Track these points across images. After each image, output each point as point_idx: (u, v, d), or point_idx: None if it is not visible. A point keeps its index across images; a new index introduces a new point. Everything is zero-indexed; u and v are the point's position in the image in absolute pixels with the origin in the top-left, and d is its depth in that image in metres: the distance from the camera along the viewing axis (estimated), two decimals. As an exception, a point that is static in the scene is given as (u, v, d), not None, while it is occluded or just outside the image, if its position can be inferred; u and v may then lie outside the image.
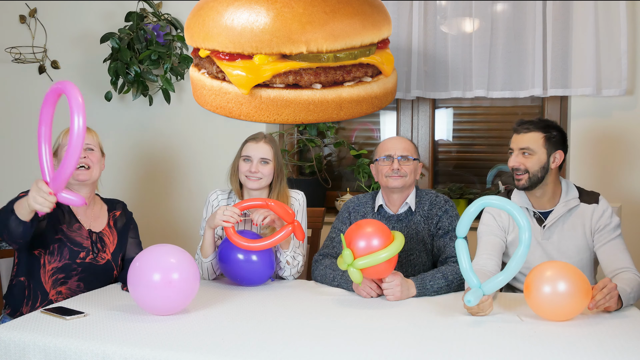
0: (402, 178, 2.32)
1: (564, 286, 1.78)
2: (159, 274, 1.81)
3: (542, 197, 2.24)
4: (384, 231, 2.01)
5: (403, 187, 2.34)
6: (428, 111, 3.29)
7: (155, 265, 1.84)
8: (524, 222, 1.78)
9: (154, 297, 1.82)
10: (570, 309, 1.80)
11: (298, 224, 2.18)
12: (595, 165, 2.90)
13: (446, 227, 2.32)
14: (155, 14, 3.22)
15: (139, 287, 1.84)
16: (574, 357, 1.52)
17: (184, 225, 3.38)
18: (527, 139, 2.20)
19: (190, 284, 1.86)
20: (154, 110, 3.37)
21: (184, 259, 1.88)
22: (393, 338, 1.66)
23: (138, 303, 1.87)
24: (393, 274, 2.06)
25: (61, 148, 2.26)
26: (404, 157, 2.33)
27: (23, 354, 1.66)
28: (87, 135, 2.26)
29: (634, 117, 2.87)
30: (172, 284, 1.81)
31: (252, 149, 2.36)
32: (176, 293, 1.83)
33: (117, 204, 2.43)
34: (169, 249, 1.91)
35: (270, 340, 1.64)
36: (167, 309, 1.86)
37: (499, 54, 2.94)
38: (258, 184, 2.35)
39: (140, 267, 1.85)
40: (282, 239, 2.16)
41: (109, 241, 2.31)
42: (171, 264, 1.84)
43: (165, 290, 1.81)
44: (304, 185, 3.22)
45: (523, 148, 2.20)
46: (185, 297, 1.87)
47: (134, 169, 3.46)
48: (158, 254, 1.88)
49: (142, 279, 1.83)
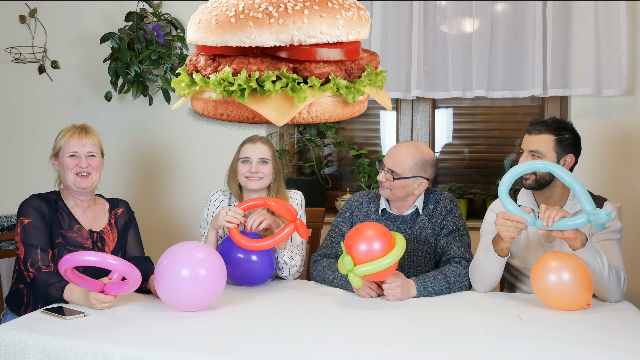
0: (384, 189, 2.31)
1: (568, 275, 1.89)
2: (188, 269, 1.86)
3: (550, 199, 2.22)
4: (385, 235, 1.98)
5: (391, 198, 2.33)
6: (428, 111, 3.28)
7: (185, 261, 1.88)
8: (570, 180, 1.89)
9: (184, 293, 1.87)
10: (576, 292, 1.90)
11: (301, 222, 2.17)
12: (595, 165, 2.90)
13: (450, 227, 2.31)
14: (155, 14, 3.22)
15: (169, 284, 1.87)
16: (574, 357, 1.52)
17: (184, 224, 3.38)
18: (537, 141, 2.17)
19: (219, 280, 1.93)
20: (154, 110, 3.37)
21: (212, 256, 1.95)
22: (393, 338, 1.66)
23: (166, 300, 1.90)
24: (394, 275, 2.06)
25: (63, 152, 2.24)
26: (391, 170, 2.28)
27: (23, 354, 1.66)
28: (88, 139, 2.26)
29: (634, 117, 2.87)
30: (201, 279, 1.87)
31: (250, 150, 2.36)
32: (205, 289, 1.89)
33: (119, 202, 2.42)
34: (197, 245, 1.98)
35: (270, 340, 1.64)
36: (196, 304, 1.90)
37: (499, 54, 2.94)
38: (259, 183, 2.34)
39: (168, 264, 1.88)
40: (285, 238, 2.15)
41: (109, 239, 2.31)
42: (199, 260, 1.90)
43: (195, 286, 1.86)
44: (304, 185, 3.23)
45: (532, 151, 2.18)
46: (213, 293, 1.92)
47: (134, 169, 3.46)
48: (186, 250, 1.94)
49: (172, 275, 1.86)
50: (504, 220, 1.99)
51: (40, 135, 3.46)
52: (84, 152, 2.23)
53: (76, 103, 3.48)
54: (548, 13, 2.85)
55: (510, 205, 1.98)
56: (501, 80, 2.94)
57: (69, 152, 2.22)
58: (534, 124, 2.21)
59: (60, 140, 2.27)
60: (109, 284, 1.90)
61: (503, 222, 1.99)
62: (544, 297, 1.96)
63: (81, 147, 2.23)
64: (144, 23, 3.17)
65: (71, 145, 2.22)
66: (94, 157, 2.27)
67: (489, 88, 2.95)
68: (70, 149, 2.22)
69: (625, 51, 2.77)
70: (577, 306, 1.92)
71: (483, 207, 3.20)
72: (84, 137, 2.25)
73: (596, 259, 1.94)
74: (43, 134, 3.40)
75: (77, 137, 2.23)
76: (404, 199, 2.32)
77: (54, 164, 2.30)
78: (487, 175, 3.31)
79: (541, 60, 2.86)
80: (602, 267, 1.95)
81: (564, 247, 2.19)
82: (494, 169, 3.29)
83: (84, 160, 2.23)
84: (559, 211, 1.92)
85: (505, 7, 2.94)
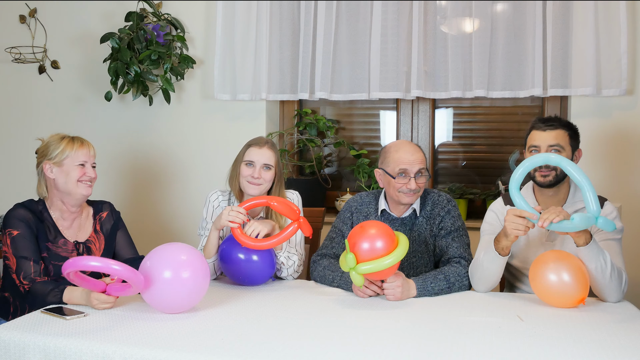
0: (416, 194, 2.27)
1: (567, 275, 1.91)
2: (170, 271, 1.84)
3: (553, 197, 2.21)
4: (388, 234, 1.98)
5: (416, 199, 2.31)
6: (428, 111, 3.28)
7: (166, 263, 1.86)
8: (580, 177, 1.89)
9: (166, 295, 1.84)
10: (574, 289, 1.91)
11: (304, 220, 2.17)
12: (595, 165, 2.90)
13: (449, 227, 2.31)
14: (155, 14, 3.22)
15: (152, 285, 1.85)
16: (574, 357, 1.52)
17: (183, 225, 3.38)
18: (555, 135, 2.15)
19: (201, 281, 1.90)
20: (154, 110, 3.37)
21: (195, 257, 1.91)
22: (393, 338, 1.66)
23: (149, 302, 1.88)
24: (395, 274, 2.06)
25: (71, 160, 2.22)
26: (420, 171, 2.24)
27: (23, 354, 1.66)
28: (92, 150, 2.30)
29: (634, 117, 2.87)
30: (184, 281, 1.84)
31: (255, 154, 2.35)
32: (188, 290, 1.85)
33: (103, 204, 2.40)
34: (180, 246, 1.94)
35: (270, 340, 1.64)
36: (178, 306, 1.88)
37: (499, 54, 2.94)
38: (258, 190, 2.34)
39: (151, 266, 1.86)
40: (289, 236, 2.15)
41: (95, 248, 2.29)
42: (182, 261, 1.87)
43: (177, 287, 1.84)
44: (304, 186, 3.23)
45: (553, 145, 2.14)
46: (196, 294, 1.89)
47: (134, 169, 3.46)
48: (169, 251, 1.90)
49: (154, 277, 1.84)
50: (514, 217, 1.97)
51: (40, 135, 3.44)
52: (91, 162, 2.28)
53: (76, 103, 3.48)
54: (548, 13, 2.85)
55: (521, 201, 1.95)
56: (501, 80, 2.94)
57: (78, 161, 2.24)
58: (545, 120, 2.19)
59: (62, 148, 2.23)
60: (111, 284, 1.90)
61: (513, 218, 1.97)
62: (539, 292, 1.98)
63: (89, 157, 2.28)
64: (144, 23, 3.17)
65: (80, 155, 2.25)
66: (95, 167, 2.31)
67: (489, 88, 2.95)
68: (80, 158, 2.24)
69: (625, 51, 2.77)
70: (572, 303, 1.93)
71: (483, 207, 3.20)
72: (91, 148, 2.30)
73: (599, 257, 1.94)
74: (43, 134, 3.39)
75: (86, 148, 2.27)
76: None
77: (46, 170, 2.24)
78: (487, 176, 3.31)
79: (541, 60, 2.86)
80: (605, 266, 1.95)
81: (564, 247, 2.19)
82: (494, 169, 3.29)
83: (92, 170, 2.27)
84: (559, 214, 1.91)
85: (505, 7, 2.94)
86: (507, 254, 2.07)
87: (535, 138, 2.19)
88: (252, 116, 3.27)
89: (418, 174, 2.24)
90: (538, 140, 2.17)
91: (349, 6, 3.10)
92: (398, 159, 2.25)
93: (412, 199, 2.27)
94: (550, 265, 1.94)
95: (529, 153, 2.20)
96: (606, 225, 1.86)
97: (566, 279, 1.91)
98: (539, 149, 2.17)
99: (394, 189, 2.27)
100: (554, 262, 1.95)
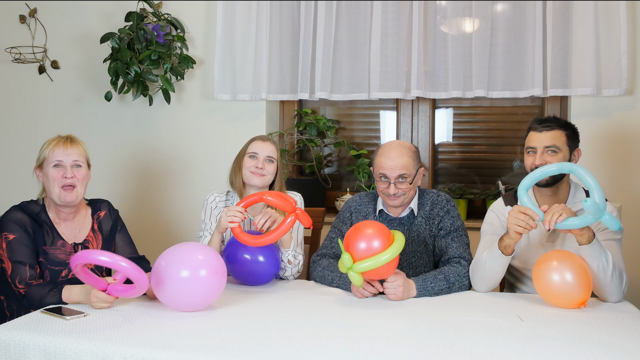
0: (399, 198, 2.27)
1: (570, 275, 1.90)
2: (188, 270, 1.85)
3: (553, 197, 2.20)
4: (383, 232, 1.99)
5: (404, 202, 2.30)
6: (428, 111, 3.28)
7: (183, 262, 1.87)
8: (593, 182, 1.89)
9: (184, 293, 1.86)
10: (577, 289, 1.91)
11: (301, 211, 2.16)
12: (595, 165, 2.90)
13: (448, 228, 2.31)
14: (155, 14, 3.22)
15: (167, 285, 1.86)
16: (574, 357, 1.52)
17: (183, 224, 3.38)
18: (551, 136, 2.15)
19: (219, 279, 1.92)
20: (154, 110, 3.37)
21: (212, 256, 1.93)
22: (393, 338, 1.66)
23: (165, 302, 1.89)
24: (396, 274, 2.06)
25: (48, 162, 2.16)
26: (403, 176, 2.23)
27: (23, 354, 1.66)
28: (74, 148, 2.18)
29: (634, 117, 2.87)
30: (201, 279, 1.86)
31: (259, 147, 2.40)
32: (205, 288, 1.87)
33: (101, 203, 2.35)
34: (196, 245, 1.96)
35: (270, 340, 1.64)
36: (196, 304, 1.90)
37: (499, 54, 2.94)
38: (262, 180, 2.36)
39: (166, 266, 1.87)
40: (288, 229, 2.15)
41: (92, 247, 2.23)
42: (199, 261, 1.88)
43: (195, 285, 1.85)
44: (304, 186, 3.23)
45: (549, 146, 2.15)
46: (214, 292, 1.91)
47: (134, 169, 3.46)
48: (185, 251, 1.92)
49: (171, 276, 1.85)
50: (517, 212, 1.97)
51: (40, 135, 3.43)
52: (69, 161, 2.15)
53: (76, 103, 3.48)
54: (548, 13, 2.85)
55: (529, 203, 1.97)
56: (501, 80, 2.94)
57: (53, 161, 2.14)
58: (541, 121, 2.19)
59: (44, 150, 2.18)
60: (113, 284, 1.89)
61: (516, 214, 1.98)
62: (542, 292, 1.97)
63: (66, 156, 2.15)
64: (144, 23, 3.17)
65: (56, 154, 2.14)
66: (80, 167, 2.18)
67: (489, 88, 2.95)
68: (54, 158, 2.14)
69: (625, 51, 2.77)
70: (574, 304, 1.93)
71: (483, 207, 3.20)
72: (69, 146, 2.16)
73: (601, 256, 1.94)
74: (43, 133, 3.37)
75: (62, 146, 2.15)
76: (409, 200, 2.31)
77: (38, 176, 2.21)
78: (487, 176, 3.31)
79: (541, 60, 2.86)
80: (607, 266, 1.95)
81: (564, 247, 2.19)
82: (494, 169, 3.29)
83: (69, 170, 2.14)
84: (563, 211, 1.91)
85: (505, 7, 2.94)
86: (509, 254, 2.07)
87: (531, 139, 2.19)
88: (252, 116, 3.27)
89: (401, 178, 2.23)
90: (534, 142, 2.18)
91: (349, 6, 3.10)
92: (378, 163, 2.27)
93: (395, 202, 2.28)
94: (554, 264, 1.94)
95: (527, 154, 2.21)
96: (612, 222, 1.87)
97: (570, 279, 1.91)
98: (535, 150, 2.17)
99: (379, 191, 2.30)
100: (558, 262, 1.94)
